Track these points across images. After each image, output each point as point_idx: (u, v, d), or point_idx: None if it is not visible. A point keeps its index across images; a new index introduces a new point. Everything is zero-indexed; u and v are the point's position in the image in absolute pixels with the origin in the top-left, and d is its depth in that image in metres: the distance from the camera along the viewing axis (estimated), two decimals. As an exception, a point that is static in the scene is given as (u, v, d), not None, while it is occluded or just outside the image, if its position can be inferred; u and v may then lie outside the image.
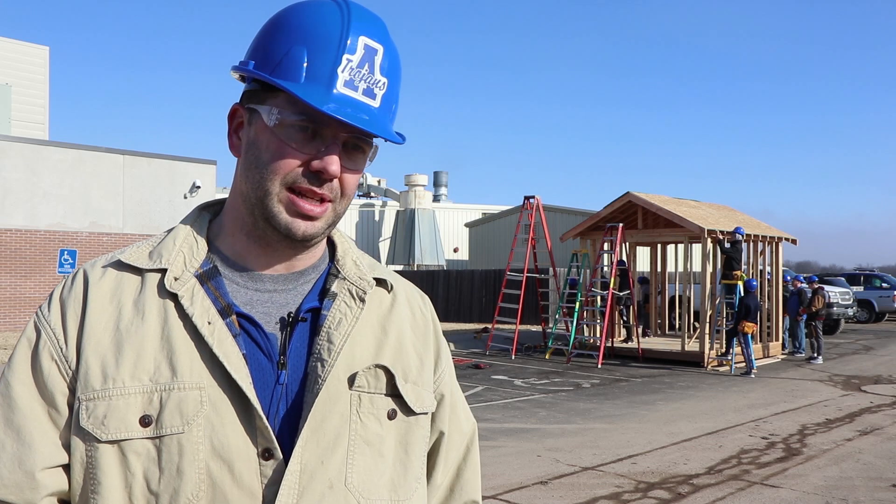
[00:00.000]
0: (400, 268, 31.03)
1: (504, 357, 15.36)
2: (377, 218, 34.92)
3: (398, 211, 32.99)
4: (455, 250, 34.87)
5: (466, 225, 33.15)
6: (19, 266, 16.78)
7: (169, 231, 1.03)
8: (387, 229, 34.68)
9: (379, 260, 30.17)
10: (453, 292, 25.60)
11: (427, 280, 26.33)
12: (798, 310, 16.12)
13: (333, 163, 0.94)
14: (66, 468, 0.92)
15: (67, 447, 0.92)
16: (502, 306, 16.32)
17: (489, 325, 18.34)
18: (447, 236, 34.82)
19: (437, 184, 40.15)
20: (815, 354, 15.30)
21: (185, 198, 19.08)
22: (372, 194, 35.77)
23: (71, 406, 0.93)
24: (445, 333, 19.79)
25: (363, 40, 0.94)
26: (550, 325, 16.38)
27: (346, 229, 32.54)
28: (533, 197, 16.66)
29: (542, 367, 14.00)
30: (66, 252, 17.26)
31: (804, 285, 16.56)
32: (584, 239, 16.40)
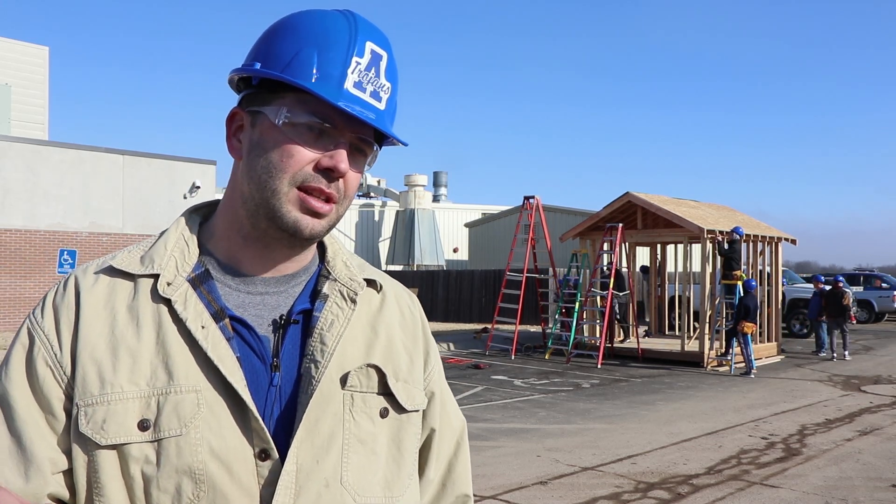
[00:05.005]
0: (400, 268, 31.01)
1: (504, 357, 15.36)
2: (377, 218, 34.88)
3: (398, 211, 32.96)
4: (455, 250, 34.85)
5: (466, 225, 33.14)
6: (19, 266, 16.77)
7: (160, 234, 1.04)
8: (386, 229, 34.64)
9: (378, 260, 29.90)
10: (453, 292, 25.58)
11: (427, 280, 26.29)
12: (818, 311, 16.20)
13: (343, 160, 0.96)
14: (67, 473, 0.93)
15: (68, 453, 0.93)
16: (502, 306, 16.34)
17: (489, 325, 18.33)
18: (447, 236, 34.79)
19: (436, 184, 40.10)
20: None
21: (185, 198, 19.06)
22: (372, 194, 35.73)
23: (68, 412, 0.93)
24: (445, 333, 19.82)
25: (370, 45, 0.97)
26: (550, 326, 16.38)
27: (346, 229, 32.53)
28: (533, 197, 16.67)
29: (541, 367, 14.01)
30: (65, 252, 17.26)
31: (825, 286, 16.54)
32: (583, 239, 16.40)
